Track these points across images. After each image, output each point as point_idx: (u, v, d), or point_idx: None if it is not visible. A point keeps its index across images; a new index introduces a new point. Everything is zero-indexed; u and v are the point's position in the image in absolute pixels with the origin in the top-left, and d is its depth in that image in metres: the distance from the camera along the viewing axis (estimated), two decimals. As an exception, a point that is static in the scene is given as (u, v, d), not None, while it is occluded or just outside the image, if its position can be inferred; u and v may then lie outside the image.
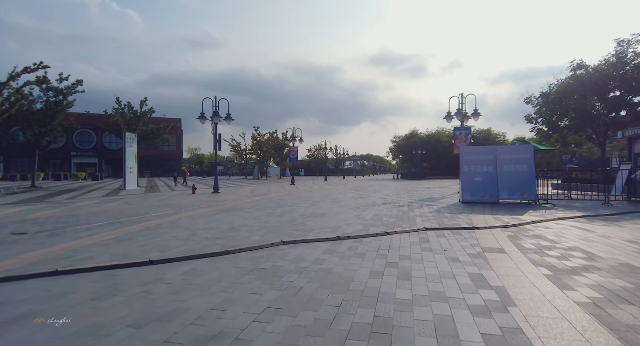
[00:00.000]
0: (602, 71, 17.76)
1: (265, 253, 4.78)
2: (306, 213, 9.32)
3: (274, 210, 9.98)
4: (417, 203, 11.88)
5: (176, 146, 60.59)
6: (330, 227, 6.91)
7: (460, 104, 18.37)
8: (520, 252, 4.77)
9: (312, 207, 10.73)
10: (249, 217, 8.53)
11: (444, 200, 13.34)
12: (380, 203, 11.91)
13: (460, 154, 12.62)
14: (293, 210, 9.93)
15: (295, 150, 31.62)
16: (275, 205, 11.36)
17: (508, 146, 12.55)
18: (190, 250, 4.91)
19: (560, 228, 6.85)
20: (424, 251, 4.88)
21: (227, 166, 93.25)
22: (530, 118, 22.23)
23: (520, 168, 11.72)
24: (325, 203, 12.13)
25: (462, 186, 12.22)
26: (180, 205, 11.76)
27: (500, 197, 11.70)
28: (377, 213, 9.13)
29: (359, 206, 11.06)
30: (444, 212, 9.50)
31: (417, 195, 16.02)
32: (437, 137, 54.86)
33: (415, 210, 9.99)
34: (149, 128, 23.92)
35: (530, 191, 11.48)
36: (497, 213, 9.03)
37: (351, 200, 13.44)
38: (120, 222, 7.88)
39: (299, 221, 7.83)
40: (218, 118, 18.25)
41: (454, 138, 18.99)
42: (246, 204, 11.91)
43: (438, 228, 6.70)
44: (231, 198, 14.25)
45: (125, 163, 21.40)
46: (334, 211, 9.72)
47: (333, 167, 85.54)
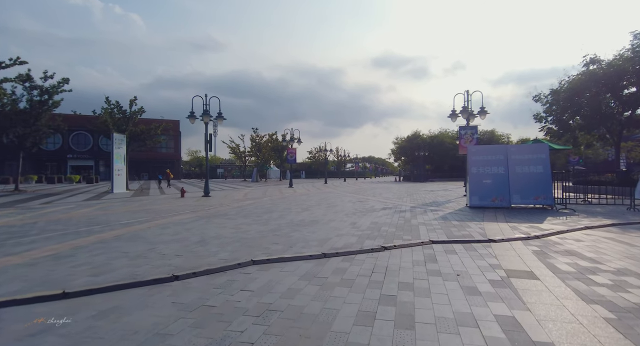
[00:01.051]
0: (618, 66, 16.60)
1: (225, 279, 3.69)
2: (295, 220, 8.23)
3: (260, 216, 8.90)
4: (420, 208, 10.78)
5: (174, 148, 59.66)
6: (318, 239, 5.82)
7: (465, 102, 17.27)
8: (557, 278, 3.66)
9: (303, 213, 9.65)
10: (229, 225, 7.45)
11: (449, 204, 12.23)
12: (379, 208, 10.81)
13: (467, 154, 11.51)
14: (281, 217, 8.85)
15: (293, 152, 30.53)
16: (264, 211, 10.28)
17: (520, 145, 11.45)
18: (132, 274, 3.84)
19: (593, 240, 5.73)
20: (431, 275, 3.78)
21: (227, 168, 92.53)
22: (538, 117, 21.03)
23: (534, 169, 10.60)
24: (320, 208, 11.04)
25: (470, 189, 11.11)
26: (160, 210, 10.69)
27: (512, 201, 10.57)
28: (375, 221, 8.02)
29: (356, 211, 9.96)
30: (450, 218, 8.39)
31: (420, 198, 14.91)
32: (440, 138, 53.69)
33: (418, 216, 8.88)
34: (139, 128, 22.89)
35: (546, 195, 10.35)
36: (512, 220, 7.91)
37: (348, 204, 12.34)
38: (77, 231, 6.82)
39: (283, 231, 6.74)
40: (208, 117, 17.21)
41: (459, 138, 17.88)
42: (233, 209, 10.83)
43: (446, 240, 5.59)
44: (219, 202, 13.18)
45: (113, 165, 20.37)
46: (327, 217, 8.63)
47: (334, 169, 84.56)
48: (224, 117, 18.05)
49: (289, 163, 31.56)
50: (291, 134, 31.10)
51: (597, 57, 17.58)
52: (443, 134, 55.70)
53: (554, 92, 19.07)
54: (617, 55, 17.54)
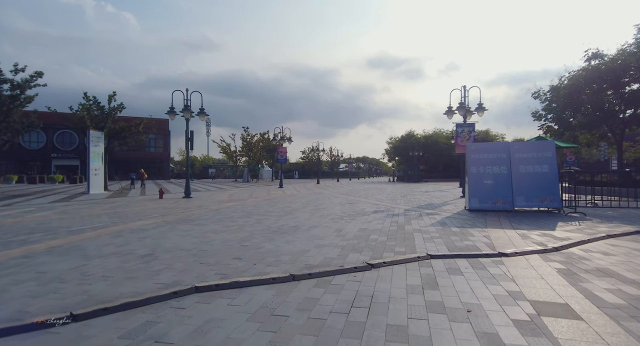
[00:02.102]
0: (622, 60, 15.78)
1: (144, 320, 2.64)
2: (273, 226, 7.19)
3: (234, 222, 7.84)
4: (414, 211, 9.79)
5: (163, 147, 58.18)
6: (292, 252, 4.78)
7: (462, 98, 16.37)
8: (606, 315, 2.66)
9: (285, 217, 8.61)
10: (194, 233, 6.38)
11: (446, 207, 11.27)
12: (370, 211, 9.80)
13: (465, 153, 10.56)
14: (259, 222, 7.80)
15: (283, 151, 29.45)
16: (242, 214, 9.22)
17: (524, 142, 10.53)
18: (18, 312, 2.77)
19: (625, 254, 4.76)
20: (432, 311, 2.76)
21: (219, 168, 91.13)
22: (537, 115, 20.22)
23: (539, 168, 9.66)
24: (305, 211, 10.00)
25: (469, 190, 10.15)
26: (127, 214, 9.58)
27: (515, 203, 9.62)
28: (364, 227, 7.01)
29: (344, 215, 8.94)
30: (449, 224, 7.41)
31: (415, 200, 13.94)
32: (434, 138, 52.97)
33: (412, 221, 7.89)
34: (119, 125, 21.65)
35: (553, 197, 9.41)
36: (520, 227, 6.94)
37: (337, 207, 11.32)
38: (10, 241, 5.70)
39: (254, 240, 5.69)
40: (189, 113, 16.09)
41: (455, 136, 16.96)
42: (209, 212, 9.76)
43: (448, 255, 4.58)
44: (198, 205, 12.08)
45: (89, 165, 19.14)
46: (310, 223, 7.60)
47: (328, 169, 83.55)
48: (206, 113, 16.93)
49: (279, 163, 30.49)
50: (281, 133, 30.04)
51: (599, 51, 16.78)
52: (437, 134, 55.00)
53: (554, 88, 18.24)
54: (620, 50, 16.75)
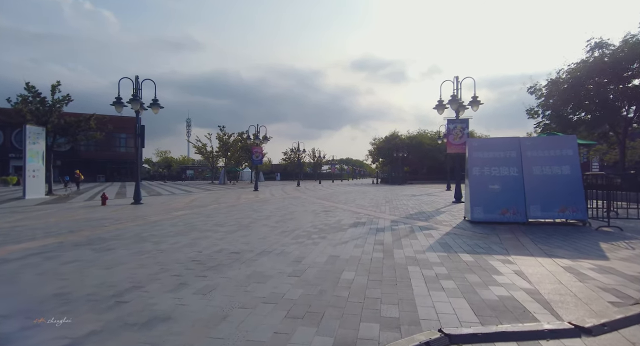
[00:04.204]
0: (628, 51, 14.23)
1: None
2: (208, 251, 4.96)
3: (159, 243, 5.57)
4: (403, 224, 7.73)
5: (135, 147, 54.59)
6: (181, 332, 2.59)
7: (454, 90, 14.49)
8: None
9: (235, 234, 6.38)
10: (64, 270, 4.10)
11: (440, 216, 9.26)
12: (348, 224, 7.68)
13: (466, 150, 8.57)
14: (193, 243, 5.55)
15: (259, 151, 27.06)
16: (181, 230, 6.94)
17: (539, 138, 8.63)
18: None
19: None
20: None
21: (197, 170, 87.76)
22: (532, 112, 18.59)
23: (558, 170, 7.75)
24: (267, 223, 7.79)
25: (471, 197, 8.14)
26: (25, 230, 7.14)
27: (529, 214, 7.66)
28: (337, 254, 4.86)
29: (314, 231, 6.79)
30: (455, 247, 5.34)
31: (402, 207, 11.92)
32: (419, 139, 51.58)
33: (403, 241, 5.79)
34: (65, 120, 18.89)
35: (576, 206, 7.49)
36: (553, 252, 4.93)
37: (309, 216, 9.16)
38: None
39: (150, 288, 3.47)
40: (138, 104, 13.63)
41: (446, 134, 15.09)
42: (140, 226, 7.43)
43: (479, 334, 2.46)
44: (137, 214, 9.70)
45: (26, 165, 16.41)
46: (263, 245, 5.41)
47: (311, 171, 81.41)
48: (160, 105, 14.52)
49: (254, 164, 28.10)
50: (257, 131, 27.68)
51: (603, 41, 15.19)
52: (422, 135, 53.65)
53: (552, 82, 16.57)
54: (622, 41, 15.23)
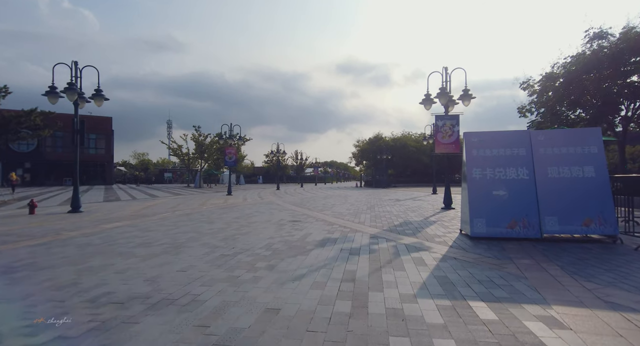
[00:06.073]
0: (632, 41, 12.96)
1: None
2: (65, 304, 3.05)
3: (10, 286, 3.62)
4: (386, 242, 5.94)
5: (105, 149, 51.58)
6: None
7: (443, 82, 12.89)
8: None
9: (147, 263, 4.46)
10: None
11: (430, 228, 7.54)
12: (315, 243, 5.84)
13: (464, 147, 6.87)
14: (69, 285, 3.62)
15: (232, 152, 24.99)
16: (84, 255, 4.97)
17: (554, 131, 7.00)
18: None
19: None
20: None
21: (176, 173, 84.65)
22: (524, 110, 17.24)
23: (579, 171, 6.13)
24: (210, 242, 5.87)
25: (471, 206, 6.42)
26: None
27: (544, 227, 6.00)
28: (276, 307, 3.00)
29: (264, 255, 4.92)
30: (459, 285, 3.58)
31: (385, 215, 10.18)
32: (403, 141, 50.42)
33: (384, 275, 3.98)
34: (4, 115, 16.43)
35: (604, 217, 5.87)
36: (612, 295, 3.22)
37: (270, 231, 7.29)
38: None
39: None
40: (75, 94, 11.45)
41: (434, 132, 13.49)
42: (21, 249, 5.40)
43: None
44: (49, 230, 7.60)
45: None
46: (168, 288, 3.51)
47: (294, 173, 79.45)
48: (105, 97, 12.38)
49: (227, 165, 26.05)
50: (230, 130, 25.62)
51: (603, 31, 13.90)
52: (406, 137, 52.53)
53: (547, 76, 15.22)
54: (621, 33, 14.00)
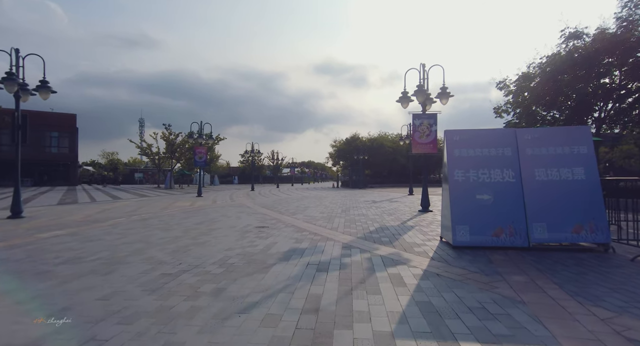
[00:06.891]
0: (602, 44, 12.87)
1: None
2: None
3: None
4: (360, 252, 5.22)
5: (69, 148, 48.70)
6: None
7: (421, 79, 12.38)
8: None
9: (65, 286, 3.51)
10: None
11: (408, 235, 6.90)
12: (279, 256, 5.04)
13: (445, 146, 6.26)
14: None
15: (202, 151, 23.78)
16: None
17: (542, 129, 6.52)
18: None
19: None
20: None
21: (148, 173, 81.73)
22: (500, 110, 17.08)
23: (569, 173, 5.63)
24: (156, 256, 4.95)
25: (452, 211, 5.80)
26: None
27: (532, 235, 5.46)
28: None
29: (215, 274, 4.07)
30: (447, 316, 2.87)
31: (360, 219, 9.50)
32: (380, 141, 50.30)
33: (355, 301, 3.22)
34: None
35: (595, 223, 5.38)
36: (627, 327, 2.62)
37: (230, 239, 6.42)
38: None
39: None
40: (15, 85, 10.14)
41: (411, 131, 12.97)
42: None
43: None
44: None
45: None
46: (90, 320, 2.64)
47: (270, 174, 78.25)
48: (52, 89, 11.09)
49: (197, 165, 24.78)
50: (200, 129, 24.40)
51: (578, 30, 13.81)
52: (383, 137, 52.49)
53: (523, 76, 15.05)
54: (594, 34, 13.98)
